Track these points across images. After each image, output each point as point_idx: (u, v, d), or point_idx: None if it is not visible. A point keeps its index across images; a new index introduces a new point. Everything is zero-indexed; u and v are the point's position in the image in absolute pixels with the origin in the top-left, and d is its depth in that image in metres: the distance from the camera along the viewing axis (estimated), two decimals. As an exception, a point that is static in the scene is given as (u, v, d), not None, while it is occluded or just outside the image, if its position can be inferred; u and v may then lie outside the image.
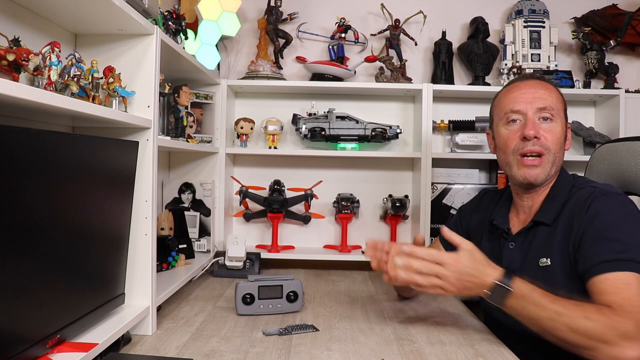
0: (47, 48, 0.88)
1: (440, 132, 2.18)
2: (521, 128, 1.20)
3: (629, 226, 1.07)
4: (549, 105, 1.20)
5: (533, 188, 1.23)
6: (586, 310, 0.98)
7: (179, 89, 1.55)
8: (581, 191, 1.17)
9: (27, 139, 0.77)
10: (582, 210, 1.12)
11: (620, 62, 2.16)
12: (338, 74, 2.08)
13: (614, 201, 1.12)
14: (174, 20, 1.45)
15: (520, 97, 1.22)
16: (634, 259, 1.02)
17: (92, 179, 1.00)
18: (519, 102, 1.22)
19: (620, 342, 0.94)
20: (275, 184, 2.04)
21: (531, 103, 1.20)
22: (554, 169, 1.21)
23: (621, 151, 1.34)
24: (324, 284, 1.79)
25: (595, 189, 1.15)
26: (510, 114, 1.22)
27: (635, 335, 0.94)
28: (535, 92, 1.22)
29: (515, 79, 1.31)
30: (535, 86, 1.23)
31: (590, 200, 1.12)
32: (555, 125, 1.20)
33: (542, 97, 1.21)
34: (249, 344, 1.15)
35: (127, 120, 1.10)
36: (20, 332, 0.81)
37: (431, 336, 1.21)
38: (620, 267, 1.01)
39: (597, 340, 0.95)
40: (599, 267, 1.03)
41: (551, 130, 1.19)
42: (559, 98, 1.24)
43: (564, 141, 1.23)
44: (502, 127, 1.25)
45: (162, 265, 1.58)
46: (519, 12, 2.13)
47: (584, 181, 1.23)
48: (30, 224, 0.81)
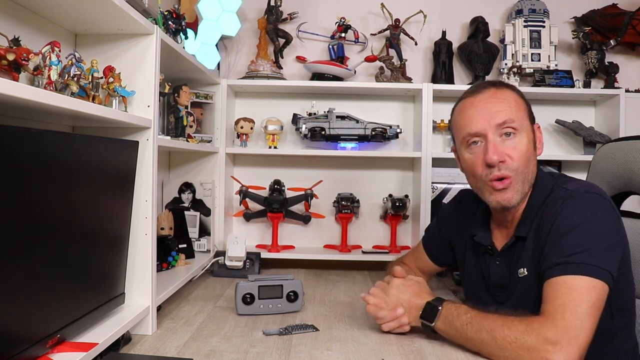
0: (47, 48, 0.88)
1: (440, 132, 2.18)
2: (483, 151, 1.11)
3: (593, 227, 1.02)
4: (508, 119, 1.10)
5: (508, 209, 1.16)
6: (507, 320, 0.98)
7: (179, 88, 1.55)
8: (553, 194, 1.12)
9: (27, 139, 0.77)
10: (551, 215, 1.08)
11: (620, 62, 2.15)
12: (338, 73, 2.08)
13: (583, 201, 1.06)
14: (174, 20, 1.45)
15: (477, 116, 1.12)
16: (587, 262, 0.98)
17: (92, 178, 1.00)
18: (475, 122, 1.12)
19: (543, 346, 0.92)
20: (275, 184, 2.04)
21: (489, 121, 1.10)
22: (527, 185, 1.13)
23: (624, 150, 1.32)
24: (324, 283, 1.78)
25: (566, 191, 1.09)
26: (468, 137, 1.14)
27: (560, 339, 0.91)
28: (491, 107, 1.12)
29: (469, 92, 1.19)
30: (490, 99, 1.13)
31: (559, 204, 1.08)
32: (519, 139, 1.11)
33: (500, 111, 1.10)
34: (249, 344, 1.15)
35: (127, 120, 1.10)
36: (20, 332, 0.81)
37: (431, 336, 1.20)
38: (568, 270, 0.98)
39: (519, 347, 0.94)
40: (549, 271, 1.01)
41: (515, 147, 1.10)
42: (518, 105, 1.14)
43: (532, 152, 1.14)
44: (464, 152, 1.17)
45: (162, 265, 1.58)
46: (519, 12, 2.13)
47: (562, 182, 1.14)
48: (30, 224, 0.81)
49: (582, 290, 0.96)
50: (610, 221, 1.06)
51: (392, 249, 2.07)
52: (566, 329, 0.93)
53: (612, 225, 1.05)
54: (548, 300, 0.99)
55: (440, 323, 1.09)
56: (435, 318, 1.10)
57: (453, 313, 1.07)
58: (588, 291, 0.96)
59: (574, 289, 0.97)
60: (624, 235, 1.09)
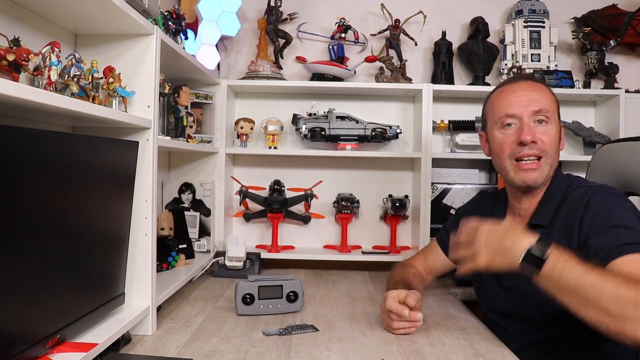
0: (47, 48, 0.88)
1: (440, 132, 2.18)
2: (517, 132, 1.19)
3: (629, 216, 1.07)
4: (544, 108, 1.19)
5: (530, 191, 1.23)
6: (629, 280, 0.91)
7: (179, 89, 1.55)
8: (576, 191, 1.18)
9: (27, 139, 0.77)
10: (579, 208, 1.12)
11: (620, 62, 2.15)
12: (338, 74, 2.08)
13: (610, 196, 1.13)
14: (174, 20, 1.45)
15: (515, 101, 1.21)
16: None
17: (92, 179, 1.00)
18: (513, 105, 1.21)
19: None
20: (275, 184, 2.04)
21: (526, 106, 1.19)
22: (551, 171, 1.21)
23: (622, 151, 1.33)
24: (324, 284, 1.79)
25: (590, 188, 1.16)
26: (505, 118, 1.21)
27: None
28: (529, 94, 1.21)
29: (507, 81, 1.29)
30: (528, 88, 1.22)
31: (587, 198, 1.13)
32: (550, 127, 1.20)
33: (537, 100, 1.20)
34: (249, 344, 1.15)
35: (127, 120, 1.10)
36: (20, 332, 0.81)
37: (431, 336, 1.21)
38: (635, 249, 1.00)
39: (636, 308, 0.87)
40: (615, 251, 1.01)
41: (547, 132, 1.19)
42: (552, 99, 1.24)
43: (559, 142, 1.23)
44: (496, 131, 1.24)
45: (162, 265, 1.58)
46: (519, 12, 2.13)
47: (579, 181, 1.24)
48: (30, 224, 0.81)
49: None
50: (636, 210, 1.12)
51: (392, 249, 2.07)
52: None
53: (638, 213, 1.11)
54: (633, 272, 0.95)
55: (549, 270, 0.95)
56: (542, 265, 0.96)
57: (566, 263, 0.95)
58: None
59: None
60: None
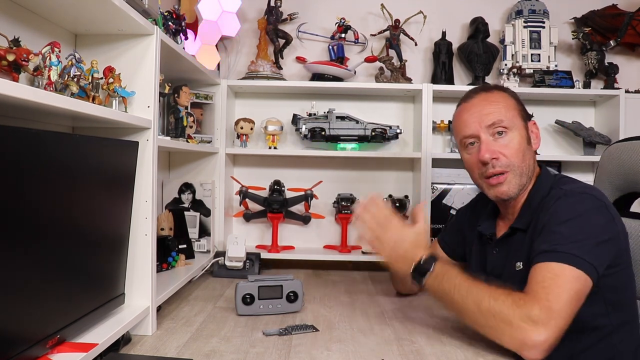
0: (47, 48, 0.88)
1: (440, 132, 2.18)
2: (478, 151, 1.20)
3: (578, 223, 1.06)
4: (498, 119, 1.18)
5: (508, 201, 1.23)
6: (495, 292, 1.02)
7: (179, 89, 1.55)
8: (552, 193, 1.16)
9: (27, 139, 0.77)
10: (548, 210, 1.12)
11: (620, 63, 2.15)
12: (338, 74, 2.08)
13: (576, 200, 1.10)
14: (174, 21, 1.45)
15: (469, 119, 1.21)
16: (574, 253, 1.01)
17: (92, 179, 1.00)
18: (468, 125, 1.21)
19: (522, 324, 0.95)
20: (275, 184, 2.04)
21: (480, 122, 1.19)
22: (524, 178, 1.19)
23: (630, 151, 1.30)
24: (324, 284, 1.78)
25: (561, 190, 1.14)
26: (465, 139, 1.23)
27: (542, 319, 0.95)
28: (482, 109, 1.20)
29: (464, 98, 1.28)
30: (480, 103, 1.22)
31: (553, 201, 1.12)
32: (511, 137, 1.18)
33: (490, 113, 1.19)
34: (249, 344, 1.15)
35: (127, 120, 1.10)
36: (20, 332, 0.81)
37: (431, 336, 1.21)
38: (555, 258, 1.02)
39: (499, 320, 0.98)
40: (537, 256, 1.05)
41: (507, 145, 1.18)
42: (508, 105, 1.21)
43: (527, 147, 1.20)
44: (463, 153, 1.26)
45: (162, 265, 1.58)
46: (519, 12, 2.13)
47: (562, 182, 1.20)
48: (30, 224, 0.81)
49: (567, 278, 1.00)
50: (602, 219, 1.08)
51: (392, 249, 2.07)
52: (550, 310, 0.96)
53: (604, 223, 1.08)
54: (533, 282, 1.02)
55: (431, 280, 1.12)
56: (426, 275, 1.12)
57: (445, 274, 1.10)
58: (572, 280, 1.00)
59: (559, 276, 1.00)
60: (620, 234, 1.11)
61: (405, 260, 1.16)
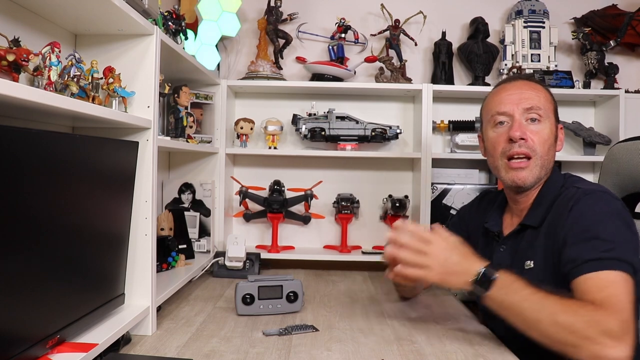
0: (47, 48, 0.88)
1: (440, 132, 2.18)
2: (508, 130, 1.18)
3: (612, 224, 1.05)
4: (536, 105, 1.18)
5: (523, 191, 1.22)
6: (569, 304, 0.96)
7: (179, 89, 1.55)
8: (566, 192, 1.15)
9: (27, 139, 0.77)
10: (564, 212, 1.10)
11: (620, 63, 2.15)
12: (338, 74, 2.08)
13: (597, 200, 1.09)
14: (173, 21, 1.45)
15: (507, 99, 1.20)
16: (618, 257, 0.99)
17: (92, 179, 1.00)
18: (505, 103, 1.20)
19: (603, 340, 0.90)
20: (275, 184, 2.04)
21: (517, 104, 1.18)
22: (543, 171, 1.19)
23: (633, 150, 1.29)
24: (324, 284, 1.78)
25: (578, 190, 1.12)
26: (497, 116, 1.21)
27: (620, 334, 0.91)
28: (522, 92, 1.20)
29: (503, 80, 1.29)
30: (522, 87, 1.21)
31: (572, 202, 1.10)
32: (543, 126, 1.18)
33: (529, 98, 1.19)
34: (249, 344, 1.15)
35: (127, 120, 1.10)
36: (20, 332, 0.81)
37: (431, 336, 1.21)
38: (604, 266, 0.99)
39: (579, 337, 0.92)
40: (583, 266, 1.01)
41: (538, 132, 1.17)
42: (547, 98, 1.22)
43: (553, 142, 1.20)
44: (489, 130, 1.24)
45: (162, 265, 1.58)
46: (519, 13, 2.13)
47: (573, 181, 1.20)
48: (30, 224, 0.81)
49: (621, 284, 0.97)
50: (628, 218, 1.09)
51: (392, 249, 2.06)
52: (624, 322, 0.92)
53: (629, 221, 1.08)
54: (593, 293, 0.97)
55: (496, 292, 1.03)
56: (490, 286, 1.04)
57: (510, 285, 1.03)
58: (626, 285, 0.97)
59: (615, 284, 0.97)
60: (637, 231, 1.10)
61: (459, 275, 1.08)
